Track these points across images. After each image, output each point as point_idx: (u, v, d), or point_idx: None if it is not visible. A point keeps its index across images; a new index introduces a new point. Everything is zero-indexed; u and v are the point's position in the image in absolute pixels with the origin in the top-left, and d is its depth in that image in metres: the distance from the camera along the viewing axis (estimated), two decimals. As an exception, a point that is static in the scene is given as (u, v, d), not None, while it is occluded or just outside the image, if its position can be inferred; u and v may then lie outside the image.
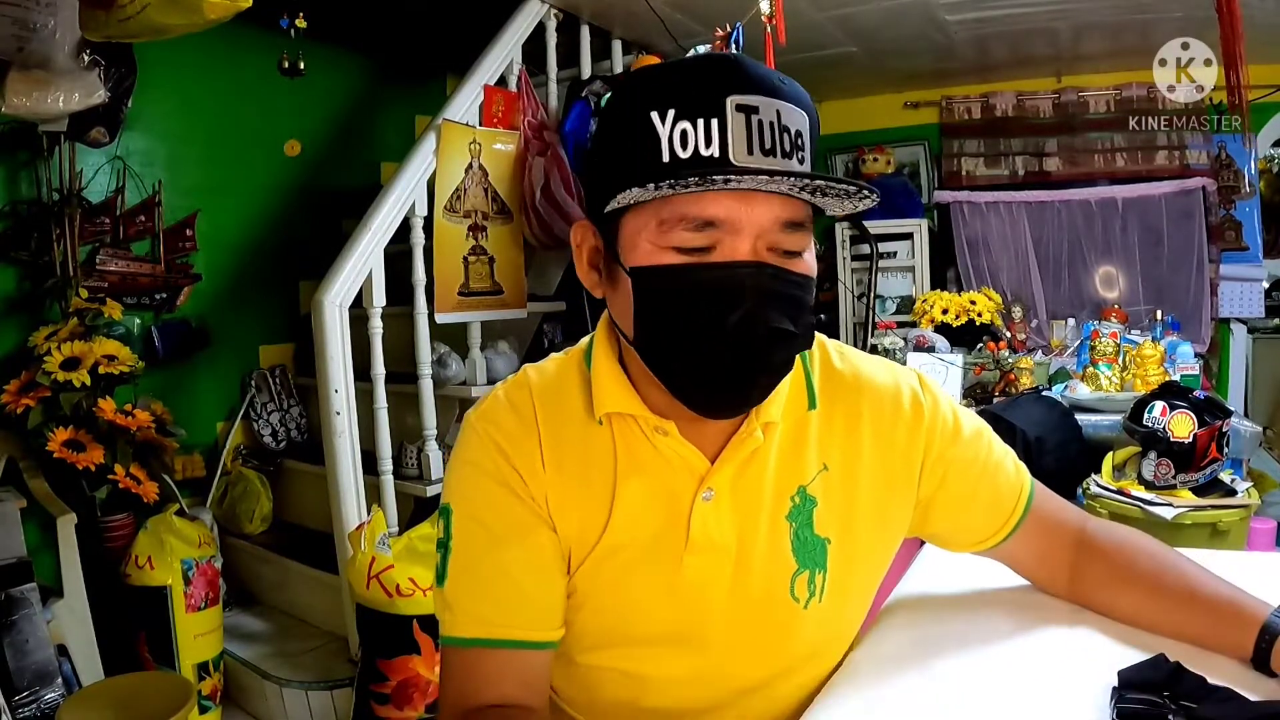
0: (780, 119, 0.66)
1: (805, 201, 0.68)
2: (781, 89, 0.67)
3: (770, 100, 0.66)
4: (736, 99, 0.65)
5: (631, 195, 0.65)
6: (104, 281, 2.59)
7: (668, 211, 0.66)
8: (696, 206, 0.66)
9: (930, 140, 4.05)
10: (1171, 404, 1.96)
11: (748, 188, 0.65)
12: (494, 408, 0.80)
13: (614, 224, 0.71)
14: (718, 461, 0.77)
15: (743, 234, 0.66)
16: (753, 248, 0.67)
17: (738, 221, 0.66)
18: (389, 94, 3.63)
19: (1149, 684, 0.67)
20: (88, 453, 2.22)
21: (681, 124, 0.65)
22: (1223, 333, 3.58)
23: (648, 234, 0.68)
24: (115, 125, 2.47)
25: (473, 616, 0.74)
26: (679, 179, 0.62)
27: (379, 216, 2.33)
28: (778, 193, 0.66)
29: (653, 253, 0.68)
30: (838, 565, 0.80)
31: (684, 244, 0.67)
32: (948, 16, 3.02)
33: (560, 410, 0.79)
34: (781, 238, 0.68)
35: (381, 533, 1.99)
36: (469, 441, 0.79)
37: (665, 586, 0.77)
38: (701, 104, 0.65)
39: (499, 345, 2.78)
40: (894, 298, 3.92)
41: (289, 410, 3.12)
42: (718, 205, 0.65)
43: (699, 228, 0.66)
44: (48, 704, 1.93)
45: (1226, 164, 3.54)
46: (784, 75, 0.69)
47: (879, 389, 0.83)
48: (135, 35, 1.95)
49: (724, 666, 0.80)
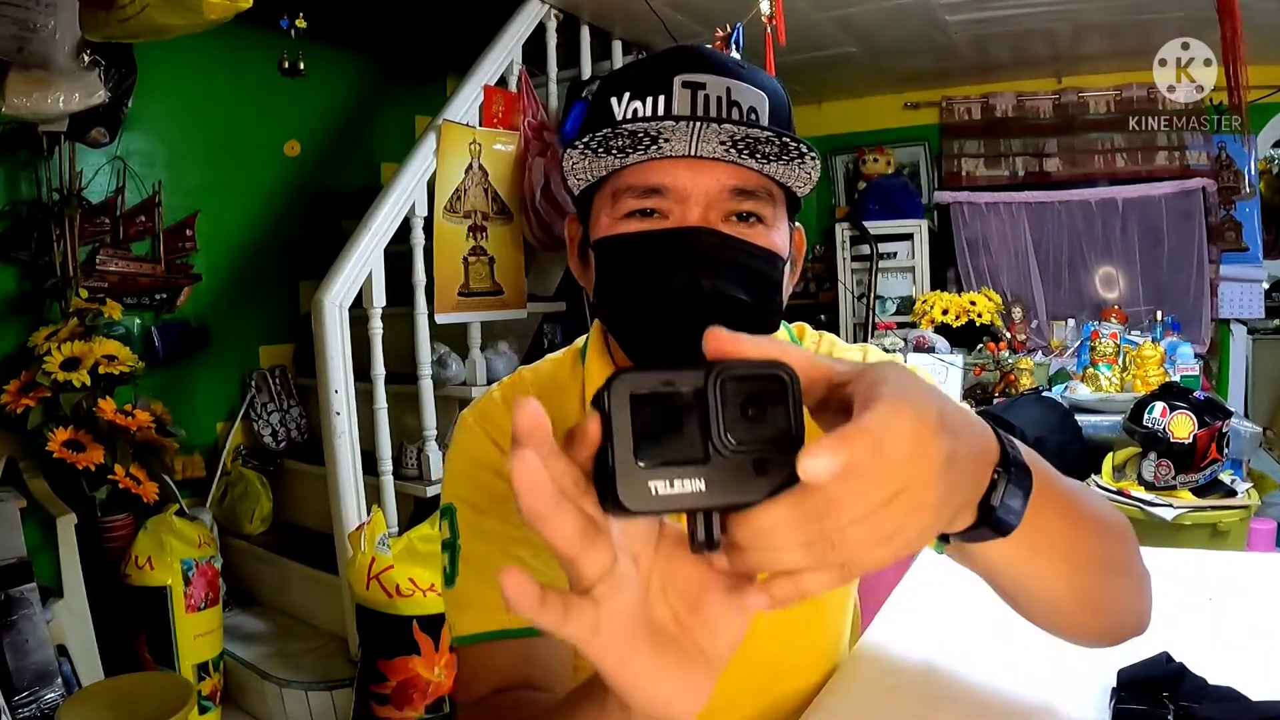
0: (730, 94, 0.68)
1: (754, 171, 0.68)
2: (737, 71, 0.70)
3: (720, 79, 0.68)
4: (684, 77, 0.68)
5: (573, 159, 0.68)
6: (104, 281, 2.59)
7: (619, 183, 0.69)
8: (643, 175, 0.68)
9: (930, 141, 4.05)
10: (1171, 405, 1.96)
11: (681, 154, 0.66)
12: (490, 407, 0.80)
13: (587, 209, 0.74)
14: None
15: (690, 201, 0.68)
16: (703, 215, 0.68)
17: (684, 189, 0.67)
18: (389, 94, 3.63)
19: (1149, 684, 0.67)
20: (88, 453, 2.22)
21: (634, 103, 0.69)
22: (1223, 333, 3.58)
23: (606, 209, 0.70)
24: (115, 125, 2.47)
25: (491, 608, 0.72)
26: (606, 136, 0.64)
27: (379, 217, 2.33)
28: (718, 158, 0.67)
29: (610, 225, 0.70)
30: None
31: (633, 209, 0.69)
32: (948, 16, 3.02)
33: (557, 408, 0.79)
34: (735, 204, 0.69)
35: (381, 533, 1.99)
36: (467, 440, 0.79)
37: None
38: (651, 84, 0.68)
39: (499, 345, 2.78)
40: (894, 298, 3.92)
41: (289, 410, 3.12)
42: (662, 173, 0.67)
43: (645, 194, 0.68)
44: (48, 704, 1.93)
45: (1226, 164, 3.54)
46: (752, 66, 0.71)
47: None
48: (135, 35, 1.95)
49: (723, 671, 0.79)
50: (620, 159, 0.67)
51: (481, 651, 0.72)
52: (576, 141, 0.66)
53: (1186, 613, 0.89)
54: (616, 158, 0.67)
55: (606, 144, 0.65)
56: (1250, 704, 0.65)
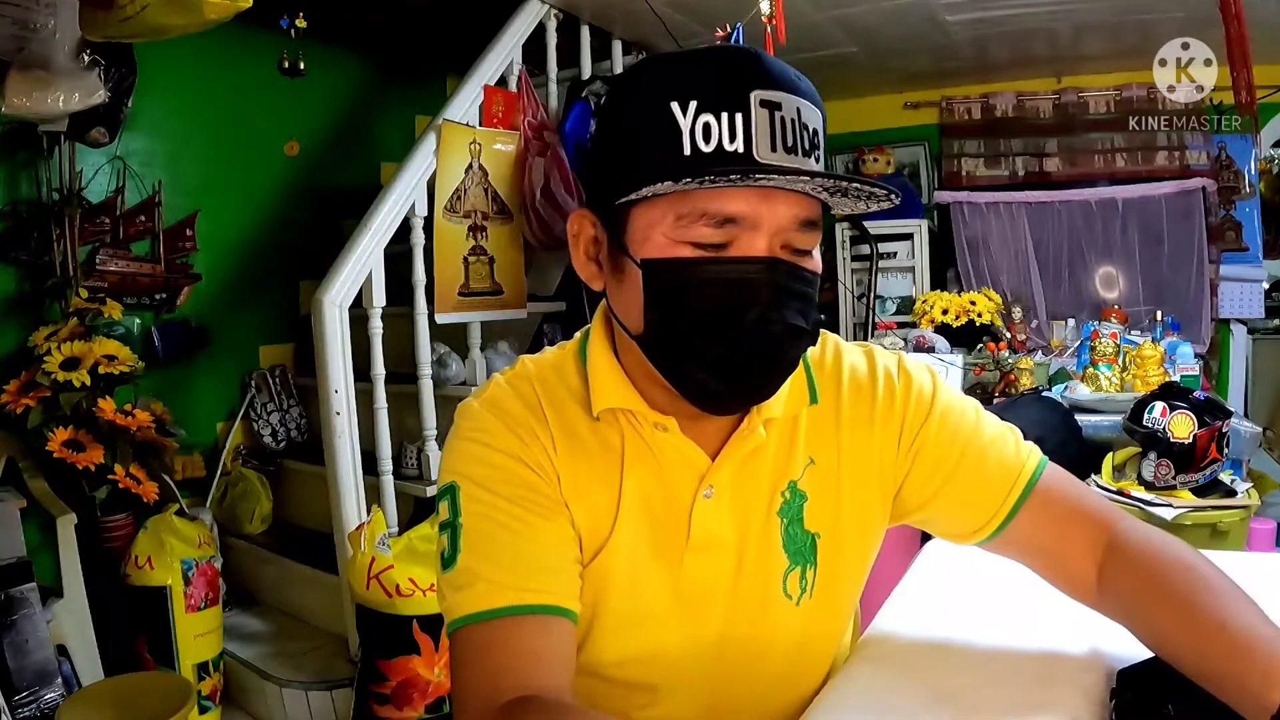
0: (800, 116, 0.66)
1: (821, 201, 0.68)
2: (799, 85, 0.67)
3: (792, 97, 0.65)
4: (761, 94, 0.64)
5: (660, 189, 0.63)
6: (104, 281, 2.58)
7: (687, 206, 0.65)
8: (718, 203, 0.64)
9: (930, 140, 4.04)
10: (1171, 405, 1.96)
11: (772, 186, 0.65)
12: (498, 394, 0.77)
13: (622, 215, 0.69)
14: (719, 459, 0.76)
15: (760, 231, 0.66)
16: (769, 245, 0.66)
17: (758, 219, 0.65)
18: (389, 94, 3.63)
19: (1149, 684, 0.67)
20: (88, 453, 2.22)
21: (704, 116, 0.63)
22: (1223, 333, 3.58)
23: (663, 228, 0.66)
24: (115, 125, 2.47)
25: (499, 585, 0.67)
26: (706, 175, 0.61)
27: (379, 216, 2.33)
28: (799, 191, 0.66)
29: (668, 246, 0.67)
30: (827, 560, 0.79)
31: (703, 239, 0.66)
32: (948, 16, 3.02)
33: (562, 405, 0.77)
34: (796, 236, 0.68)
35: (381, 533, 1.98)
36: (475, 424, 0.75)
37: (669, 586, 0.76)
38: (725, 97, 0.64)
39: (499, 345, 2.78)
40: (894, 298, 3.92)
41: (289, 410, 3.12)
42: (739, 202, 0.65)
43: (719, 224, 0.65)
44: (48, 704, 1.93)
45: (1226, 164, 3.54)
46: (799, 72, 0.68)
47: (857, 375, 0.82)
48: (135, 35, 1.95)
49: (725, 669, 0.79)
50: (698, 184, 0.63)
51: (494, 633, 0.67)
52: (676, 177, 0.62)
53: (1186, 612, 0.90)
54: (700, 183, 0.63)
55: (702, 171, 0.62)
56: (1250, 704, 0.65)
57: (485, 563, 0.69)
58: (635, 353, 0.73)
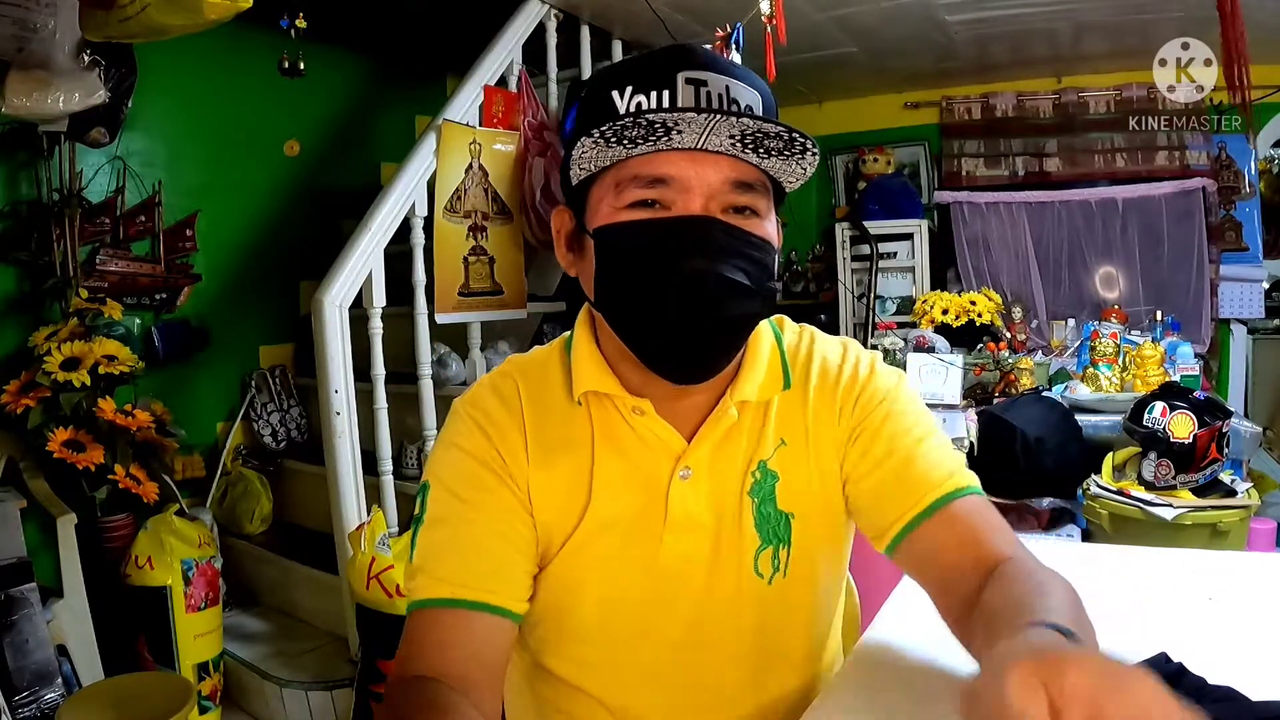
0: (729, 92, 0.71)
1: (753, 165, 0.71)
2: (733, 71, 0.73)
3: (719, 76, 0.71)
4: (686, 74, 0.70)
5: (583, 148, 0.69)
6: (104, 281, 2.59)
7: (623, 173, 0.71)
8: (649, 166, 0.70)
9: (930, 140, 4.05)
10: (1172, 405, 1.96)
11: (689, 146, 0.69)
12: (480, 395, 0.82)
13: (581, 198, 0.76)
14: (694, 440, 0.79)
15: (693, 192, 0.70)
16: (705, 206, 0.71)
17: (688, 180, 0.70)
18: (389, 94, 3.63)
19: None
20: (88, 453, 2.22)
21: (637, 97, 0.71)
22: (1223, 333, 3.58)
23: (609, 199, 0.72)
24: (115, 125, 2.47)
25: (437, 578, 0.74)
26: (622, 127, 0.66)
27: (379, 217, 2.33)
28: (721, 151, 0.70)
29: (612, 214, 0.72)
30: (802, 540, 0.81)
31: (638, 199, 0.71)
32: (948, 16, 3.02)
33: (543, 395, 0.81)
34: (734, 197, 0.71)
35: (381, 533, 1.98)
36: (454, 426, 0.81)
37: (645, 566, 0.79)
38: (654, 79, 0.71)
39: (499, 345, 2.78)
40: (894, 298, 3.92)
41: (289, 410, 3.12)
42: (668, 164, 0.70)
43: (650, 184, 0.70)
44: (48, 704, 1.93)
45: (1226, 164, 3.54)
46: (744, 68, 0.74)
47: (827, 363, 0.84)
48: (135, 35, 1.95)
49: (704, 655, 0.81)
50: (629, 149, 0.69)
51: (426, 620, 0.74)
52: (593, 130, 0.67)
53: (1186, 613, 0.90)
54: (625, 148, 0.69)
55: (620, 134, 0.67)
56: (1250, 704, 0.65)
57: (431, 559, 0.76)
58: (613, 337, 0.77)
